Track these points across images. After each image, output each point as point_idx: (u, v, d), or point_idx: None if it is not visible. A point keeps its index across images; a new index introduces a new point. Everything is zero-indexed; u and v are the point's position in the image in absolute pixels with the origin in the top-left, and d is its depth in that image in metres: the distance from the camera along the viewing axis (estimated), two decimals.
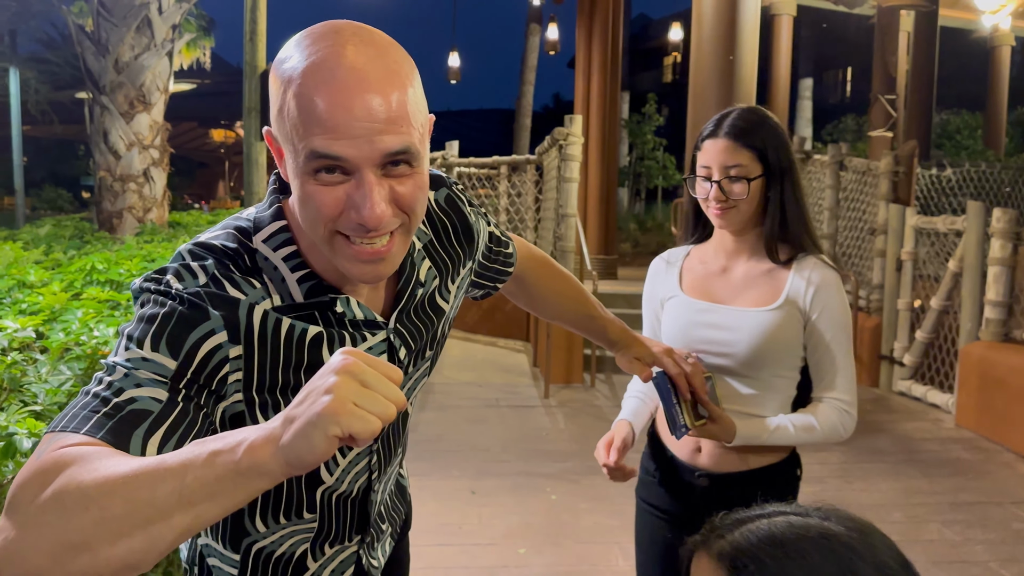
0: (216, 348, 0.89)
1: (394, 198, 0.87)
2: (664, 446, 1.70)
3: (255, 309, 0.92)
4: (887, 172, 6.36)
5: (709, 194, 1.55)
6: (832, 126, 16.59)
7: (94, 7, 6.92)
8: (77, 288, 3.05)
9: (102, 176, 7.01)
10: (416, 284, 1.07)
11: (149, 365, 0.84)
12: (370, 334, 1.02)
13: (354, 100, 0.81)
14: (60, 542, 0.67)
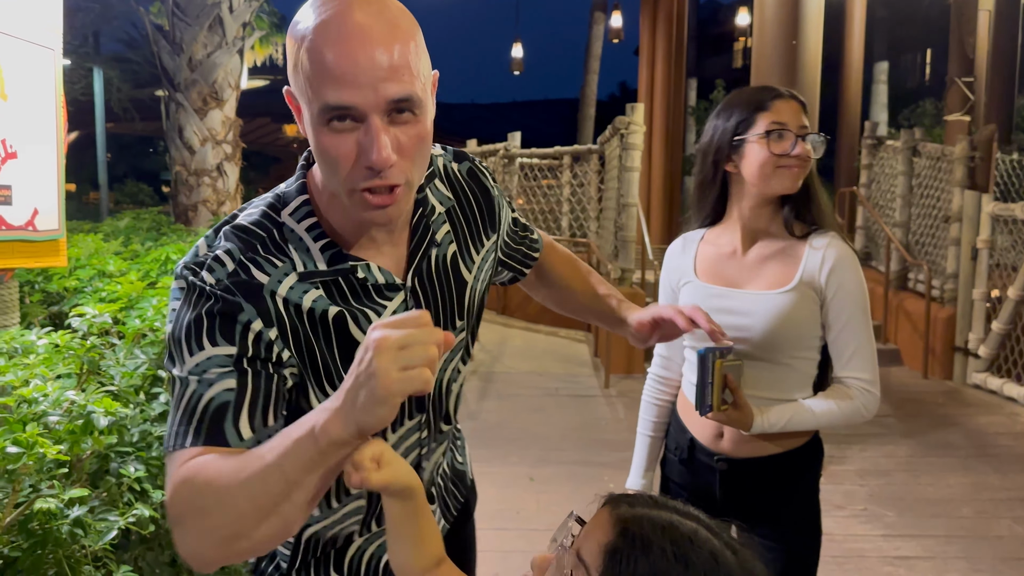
0: (259, 333, 0.97)
1: (399, 145, 0.93)
2: (685, 427, 1.69)
3: (276, 294, 0.99)
4: (962, 158, 6.13)
5: (792, 150, 1.50)
6: (909, 110, 15.99)
7: (169, 7, 7.18)
8: (152, 277, 3.20)
9: (178, 171, 7.29)
10: (430, 243, 1.11)
11: (213, 360, 0.94)
12: (388, 300, 1.06)
13: (359, 52, 0.88)
14: (220, 538, 0.86)
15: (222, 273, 0.98)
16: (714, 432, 1.61)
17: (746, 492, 1.61)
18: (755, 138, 1.52)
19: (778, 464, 1.58)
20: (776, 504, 1.60)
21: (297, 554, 1.18)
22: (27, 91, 2.63)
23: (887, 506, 3.73)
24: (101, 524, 1.75)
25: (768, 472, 1.59)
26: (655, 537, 0.73)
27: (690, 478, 1.68)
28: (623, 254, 6.44)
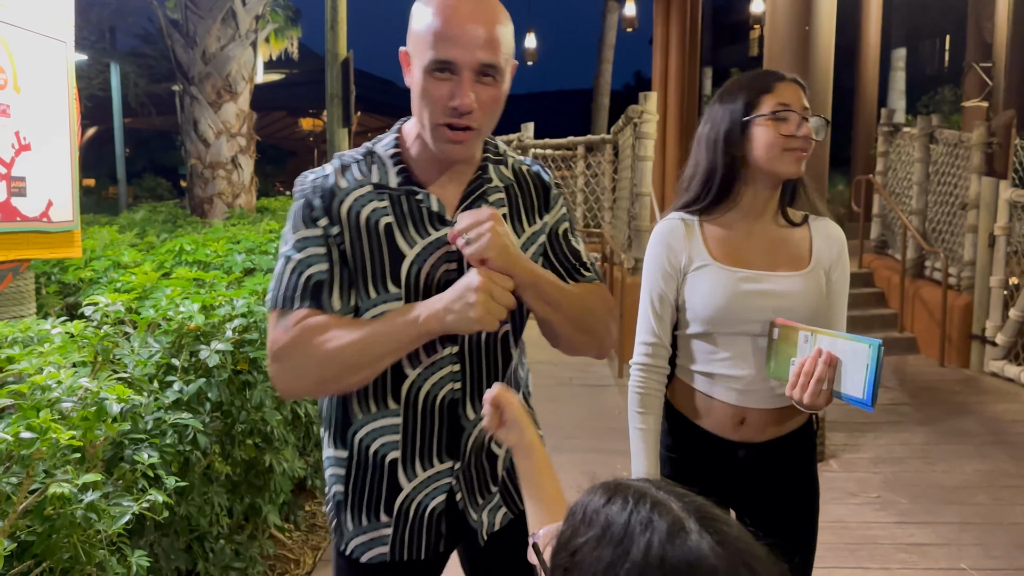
0: (328, 228, 1.28)
1: (479, 99, 1.22)
2: (692, 423, 1.63)
3: (343, 202, 1.28)
4: (980, 144, 6.06)
5: (797, 131, 1.50)
6: (928, 97, 15.79)
7: (182, 1, 7.23)
8: (167, 268, 3.24)
9: (193, 164, 7.35)
10: (480, 196, 1.34)
11: (308, 241, 1.28)
12: (435, 228, 1.30)
13: (467, 23, 1.19)
14: (319, 377, 1.24)
15: (317, 176, 1.32)
16: (735, 420, 1.58)
17: (761, 478, 1.62)
18: (762, 120, 1.51)
19: (788, 443, 1.62)
20: (788, 485, 1.63)
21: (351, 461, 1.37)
22: (40, 84, 2.67)
23: (901, 493, 3.71)
24: (115, 509, 1.78)
25: (781, 452, 1.62)
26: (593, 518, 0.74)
27: (698, 477, 1.62)
28: (636, 244, 6.43)
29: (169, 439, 2.12)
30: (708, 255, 1.58)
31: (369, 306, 1.28)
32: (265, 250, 3.59)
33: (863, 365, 1.35)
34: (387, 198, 1.29)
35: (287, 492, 2.91)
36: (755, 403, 1.57)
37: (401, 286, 1.28)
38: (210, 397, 2.35)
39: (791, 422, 1.62)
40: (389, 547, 1.36)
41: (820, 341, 1.40)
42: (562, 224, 1.44)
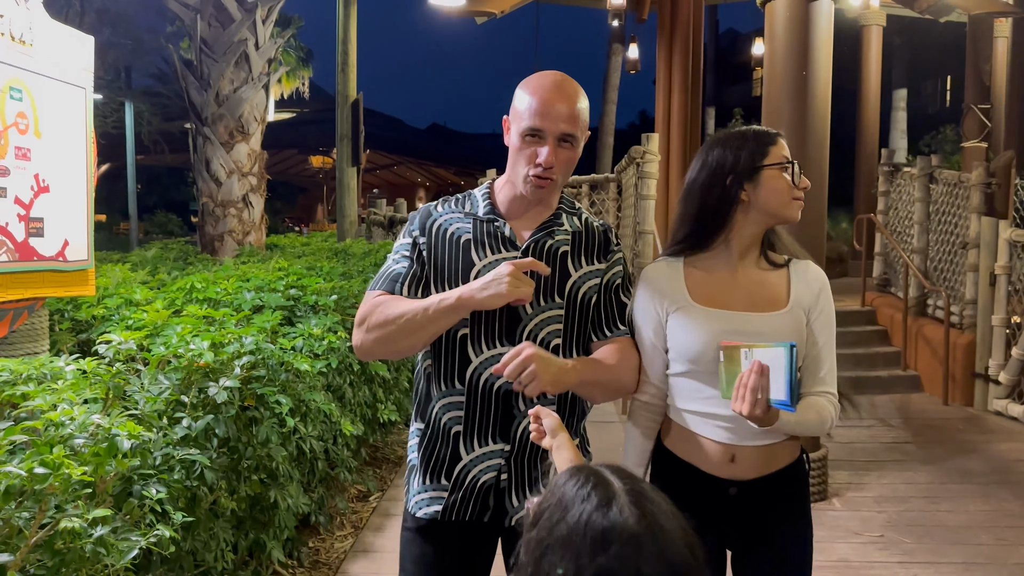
0: (415, 238, 1.71)
1: (557, 159, 1.60)
2: (683, 461, 1.65)
3: (435, 221, 1.71)
4: (979, 184, 6.13)
5: (800, 181, 1.63)
6: (930, 137, 15.93)
7: (197, 44, 7.40)
8: (178, 305, 3.31)
9: (204, 202, 7.47)
10: (549, 233, 1.69)
11: (401, 247, 1.73)
12: (504, 250, 1.66)
13: (556, 102, 1.59)
14: (382, 338, 1.61)
15: (428, 205, 1.77)
16: (724, 458, 1.61)
17: (753, 516, 1.64)
18: (774, 168, 1.61)
19: (780, 479, 1.64)
20: (780, 523, 1.66)
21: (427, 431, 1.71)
22: (60, 128, 2.76)
23: (905, 533, 3.71)
24: (123, 543, 1.81)
25: (772, 490, 1.63)
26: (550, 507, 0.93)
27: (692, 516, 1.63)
28: None
29: (177, 474, 2.16)
30: (688, 297, 1.65)
31: None
32: (274, 287, 3.66)
33: (781, 367, 1.42)
34: (471, 221, 1.70)
35: (291, 528, 2.94)
36: (744, 440, 1.60)
37: None
38: (217, 433, 2.39)
39: (781, 458, 1.64)
40: (443, 507, 1.66)
41: (756, 354, 1.45)
42: (617, 279, 1.73)
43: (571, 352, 1.67)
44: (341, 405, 3.61)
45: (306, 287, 3.72)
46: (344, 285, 3.97)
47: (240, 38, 7.40)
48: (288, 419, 2.69)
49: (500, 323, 1.63)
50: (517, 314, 1.63)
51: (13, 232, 2.58)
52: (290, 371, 2.83)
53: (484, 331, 1.63)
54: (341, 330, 3.34)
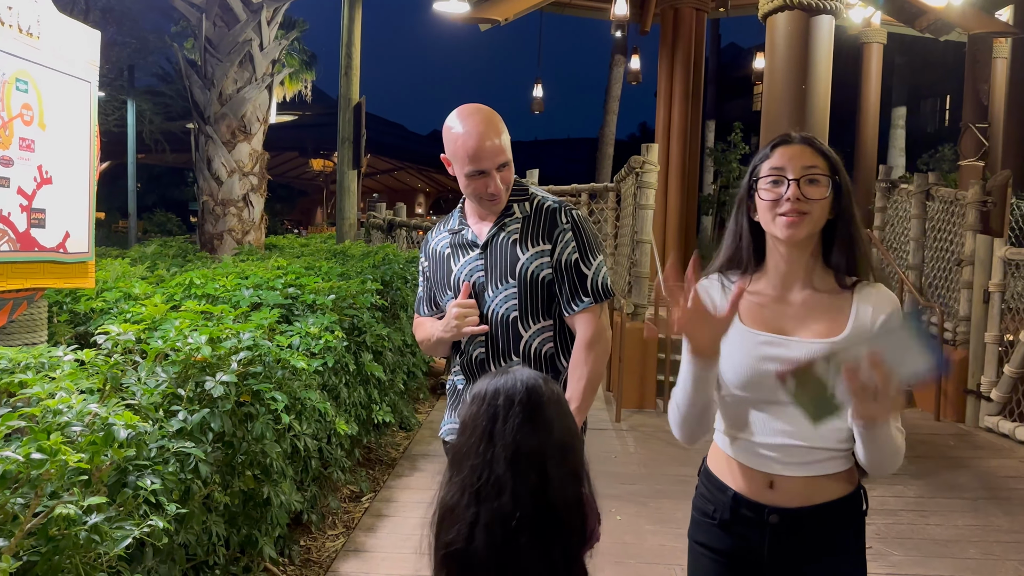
0: (424, 263, 2.23)
1: (502, 180, 1.99)
2: (725, 485, 1.59)
3: (431, 244, 2.19)
4: (975, 202, 6.17)
5: (784, 195, 1.47)
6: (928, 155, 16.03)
7: (201, 44, 7.44)
8: (176, 300, 3.32)
9: (205, 200, 7.50)
10: (500, 228, 2.06)
11: (421, 276, 2.26)
12: (471, 251, 2.08)
13: (485, 143, 1.94)
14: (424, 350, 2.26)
15: (429, 231, 2.29)
16: (763, 484, 1.53)
17: (796, 548, 1.53)
18: (760, 185, 1.52)
19: (829, 514, 1.52)
20: (826, 560, 1.53)
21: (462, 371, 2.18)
22: (64, 121, 2.79)
23: (893, 545, 3.73)
24: (117, 532, 1.83)
25: (819, 523, 1.52)
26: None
27: (731, 542, 1.57)
28: (636, 290, 6.51)
29: (172, 467, 2.18)
30: (737, 317, 1.54)
31: (443, 305, 2.14)
32: (272, 286, 3.68)
33: (910, 340, 1.29)
34: (450, 236, 2.14)
35: (283, 525, 2.95)
36: (782, 470, 1.51)
37: (452, 289, 2.11)
38: (213, 427, 2.40)
39: (830, 490, 1.52)
40: None
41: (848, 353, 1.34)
42: (572, 255, 2.03)
43: (527, 322, 2.05)
44: (336, 405, 3.62)
45: (304, 286, 3.74)
46: (342, 285, 3.99)
47: (245, 38, 7.44)
48: (283, 416, 2.71)
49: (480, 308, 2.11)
50: (483, 298, 2.05)
51: (15, 222, 2.60)
52: (286, 368, 2.85)
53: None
54: (338, 330, 3.36)
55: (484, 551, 1.12)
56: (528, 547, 1.13)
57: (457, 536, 1.14)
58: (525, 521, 1.13)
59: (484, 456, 1.16)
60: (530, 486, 1.15)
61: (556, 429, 1.21)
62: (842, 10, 4.83)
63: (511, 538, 1.12)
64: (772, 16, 4.31)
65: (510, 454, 1.15)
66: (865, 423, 1.38)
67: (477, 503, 1.14)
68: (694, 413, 1.55)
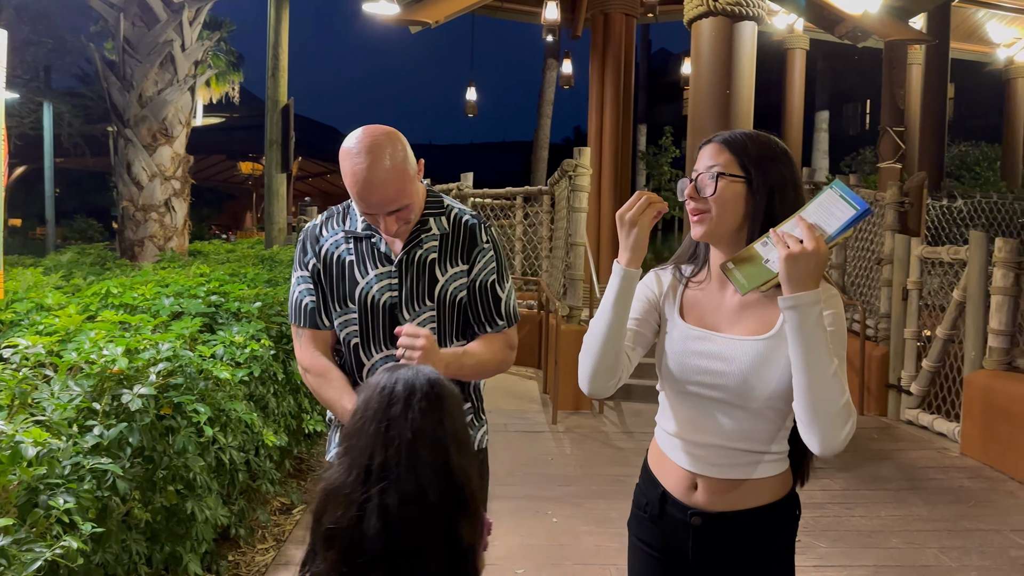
0: (315, 264, 1.90)
1: (398, 220, 1.79)
2: (656, 480, 1.59)
3: (324, 246, 1.90)
4: (893, 203, 6.40)
5: (684, 192, 1.50)
6: (850, 158, 16.60)
7: (120, 45, 7.20)
8: (93, 311, 3.19)
9: (125, 206, 7.24)
10: (417, 245, 1.87)
11: (302, 279, 1.92)
12: (382, 265, 1.86)
13: (370, 197, 1.74)
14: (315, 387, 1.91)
15: (313, 224, 1.95)
16: (687, 484, 1.52)
17: (720, 551, 1.52)
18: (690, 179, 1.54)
19: (754, 520, 1.49)
20: (751, 566, 1.51)
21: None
22: None
23: (821, 538, 3.83)
24: (27, 555, 1.74)
25: (744, 529, 1.49)
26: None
27: (661, 537, 1.57)
28: (571, 292, 6.55)
29: (87, 484, 2.08)
30: (676, 311, 1.56)
31: (336, 318, 1.90)
32: (195, 294, 3.56)
33: (836, 198, 1.35)
34: (352, 241, 1.88)
35: (209, 541, 2.85)
36: (707, 471, 1.50)
37: (356, 304, 1.87)
38: (131, 442, 2.31)
39: (755, 495, 1.49)
40: None
41: (783, 227, 1.37)
42: (489, 276, 1.92)
43: (445, 344, 1.91)
44: (264, 415, 3.53)
45: (228, 294, 3.64)
46: (269, 292, 3.90)
47: (166, 39, 7.22)
48: (206, 429, 2.62)
49: (384, 330, 1.88)
50: (397, 320, 1.87)
51: None
52: (209, 379, 2.76)
53: (372, 339, 1.89)
54: (265, 338, 3.27)
55: (377, 532, 1.12)
56: (433, 528, 1.15)
57: (344, 516, 1.14)
58: (429, 501, 1.14)
59: (376, 439, 1.17)
60: (434, 468, 1.16)
61: (456, 423, 1.22)
62: (765, 16, 4.95)
63: (412, 517, 1.14)
64: (697, 22, 4.40)
65: (411, 437, 1.16)
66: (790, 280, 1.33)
67: (367, 484, 1.15)
68: (609, 346, 1.49)
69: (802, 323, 1.33)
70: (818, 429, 1.35)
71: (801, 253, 1.31)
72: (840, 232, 1.35)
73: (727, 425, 1.47)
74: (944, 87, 9.69)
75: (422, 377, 1.23)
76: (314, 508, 1.20)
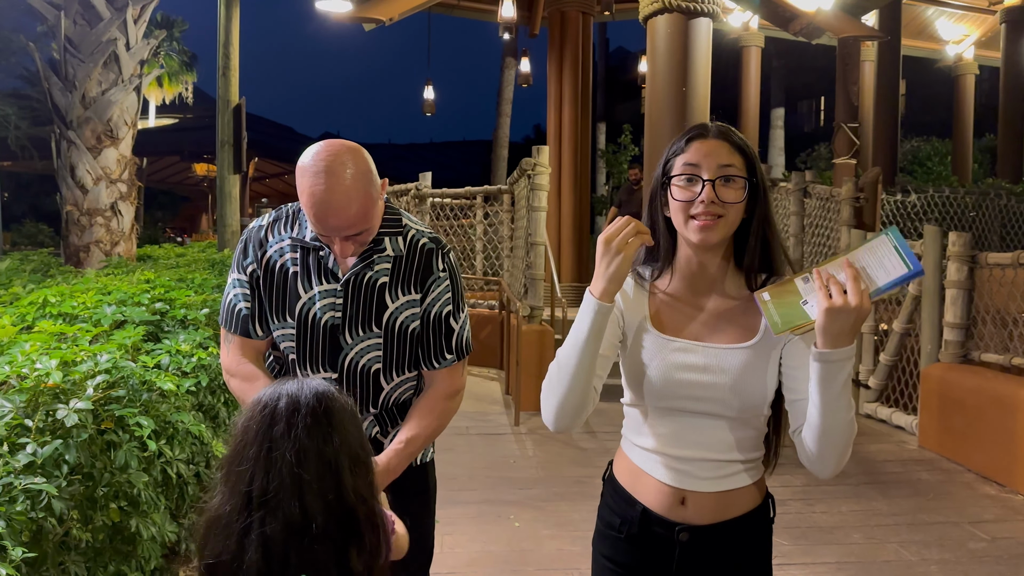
0: (255, 270, 1.76)
1: (350, 247, 1.65)
2: (633, 498, 1.50)
3: (267, 253, 1.75)
4: (848, 198, 6.47)
5: (698, 197, 1.36)
6: (806, 154, 16.84)
7: (61, 44, 6.97)
8: (28, 321, 3.05)
9: (69, 210, 7.02)
10: (367, 266, 1.73)
11: (238, 283, 1.78)
12: (327, 281, 1.72)
13: (327, 220, 1.59)
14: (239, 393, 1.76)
15: (257, 226, 1.79)
16: (672, 501, 1.45)
17: (705, 565, 1.47)
18: (673, 183, 1.40)
19: (739, 528, 1.46)
20: (734, 574, 1.49)
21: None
22: None
23: (781, 534, 3.82)
24: None
25: (729, 538, 1.46)
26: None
27: (636, 555, 1.49)
28: (532, 292, 6.51)
29: (20, 506, 1.98)
30: (647, 319, 1.46)
31: (274, 330, 1.78)
32: (139, 301, 3.43)
33: (890, 249, 1.26)
34: (299, 250, 1.74)
35: (157, 557, 2.74)
36: (695, 485, 1.44)
37: (295, 319, 1.74)
38: (68, 459, 2.20)
39: (740, 504, 1.46)
40: None
41: (826, 268, 1.29)
42: (444, 308, 1.79)
43: (391, 375, 1.79)
44: (215, 425, 3.41)
45: (174, 300, 3.51)
46: (218, 298, 3.77)
47: (109, 38, 7.00)
48: (150, 443, 2.51)
49: (323, 352, 1.75)
50: (339, 343, 1.74)
51: None
52: (153, 391, 2.65)
53: (310, 359, 1.76)
54: (213, 346, 3.16)
55: (256, 564, 1.04)
56: (318, 557, 1.06)
57: (224, 548, 1.06)
58: (314, 528, 1.06)
59: (257, 462, 1.08)
60: (320, 492, 1.07)
61: (348, 438, 1.14)
62: (720, 14, 4.95)
63: (297, 547, 1.05)
64: (652, 19, 4.37)
65: (294, 459, 1.07)
66: (826, 335, 1.25)
67: (248, 512, 1.06)
68: (578, 384, 1.39)
69: (832, 377, 1.28)
70: (831, 462, 1.36)
71: (843, 308, 1.23)
72: (887, 289, 1.27)
73: (714, 437, 1.42)
74: (896, 83, 9.84)
75: (308, 391, 1.14)
76: (198, 540, 1.12)
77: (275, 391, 1.14)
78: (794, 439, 1.43)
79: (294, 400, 1.12)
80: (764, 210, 1.42)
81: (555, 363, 1.43)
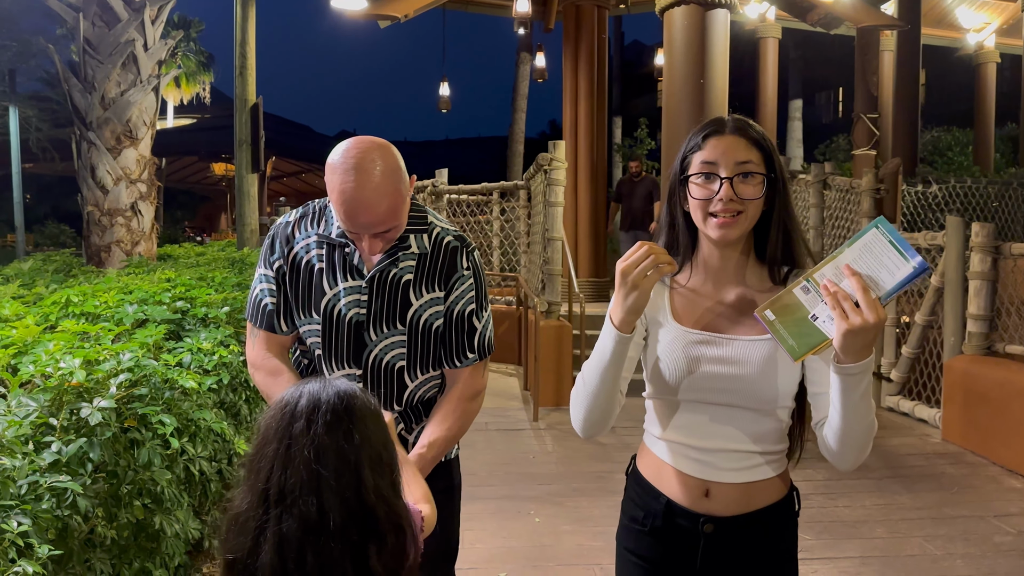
0: (281, 266, 1.77)
1: (378, 244, 1.66)
2: (657, 491, 1.50)
3: (294, 249, 1.76)
4: (869, 190, 6.40)
5: (716, 194, 1.36)
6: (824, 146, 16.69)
7: (80, 45, 7.03)
8: (52, 321, 3.08)
9: (90, 210, 7.08)
10: (392, 263, 1.73)
11: (265, 278, 1.79)
12: (352, 278, 1.73)
13: (357, 217, 1.60)
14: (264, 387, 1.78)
15: (287, 218, 1.80)
16: (697, 492, 1.45)
17: (730, 556, 1.47)
18: (692, 180, 1.41)
19: (764, 520, 1.46)
20: (759, 568, 1.48)
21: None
22: None
23: (804, 529, 3.80)
24: None
25: (755, 530, 1.46)
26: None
27: (662, 550, 1.49)
28: (550, 287, 6.49)
29: (45, 504, 2.00)
30: (669, 313, 1.47)
31: (300, 326, 1.79)
32: (160, 300, 3.46)
33: (885, 244, 1.22)
34: (325, 247, 1.74)
35: (181, 554, 2.77)
36: (719, 476, 1.44)
37: (321, 316, 1.75)
38: (92, 457, 2.22)
39: (765, 495, 1.46)
40: None
41: (824, 273, 1.26)
42: (467, 306, 1.79)
43: (415, 372, 1.79)
44: (236, 423, 3.44)
45: (195, 299, 3.53)
46: (238, 296, 3.79)
47: (127, 39, 7.06)
48: (173, 440, 2.53)
49: (348, 348, 1.76)
50: (363, 340, 1.75)
51: None
52: (176, 389, 2.67)
53: (335, 355, 1.76)
54: (234, 344, 3.18)
55: (271, 562, 1.04)
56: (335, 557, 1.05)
57: (241, 545, 1.06)
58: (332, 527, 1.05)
59: (276, 459, 1.08)
60: (338, 491, 1.06)
61: (370, 437, 1.12)
62: (737, 5, 4.91)
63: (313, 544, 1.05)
64: (669, 11, 4.35)
65: (313, 455, 1.07)
66: (847, 353, 1.23)
67: (266, 509, 1.06)
68: (601, 401, 1.43)
69: (854, 388, 1.27)
70: (850, 458, 1.37)
71: (862, 328, 1.20)
72: (896, 291, 1.23)
73: (737, 428, 1.42)
74: (916, 73, 9.71)
75: (330, 389, 1.13)
76: (220, 536, 1.12)
77: (297, 390, 1.13)
78: (816, 431, 1.43)
79: (315, 398, 1.11)
80: (784, 202, 1.42)
81: (581, 377, 1.46)
